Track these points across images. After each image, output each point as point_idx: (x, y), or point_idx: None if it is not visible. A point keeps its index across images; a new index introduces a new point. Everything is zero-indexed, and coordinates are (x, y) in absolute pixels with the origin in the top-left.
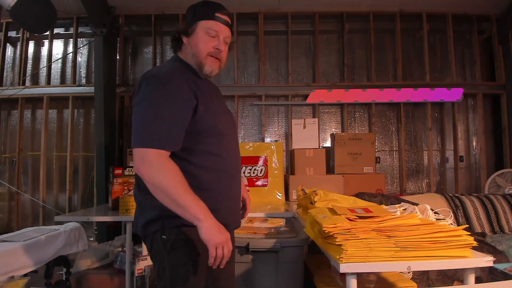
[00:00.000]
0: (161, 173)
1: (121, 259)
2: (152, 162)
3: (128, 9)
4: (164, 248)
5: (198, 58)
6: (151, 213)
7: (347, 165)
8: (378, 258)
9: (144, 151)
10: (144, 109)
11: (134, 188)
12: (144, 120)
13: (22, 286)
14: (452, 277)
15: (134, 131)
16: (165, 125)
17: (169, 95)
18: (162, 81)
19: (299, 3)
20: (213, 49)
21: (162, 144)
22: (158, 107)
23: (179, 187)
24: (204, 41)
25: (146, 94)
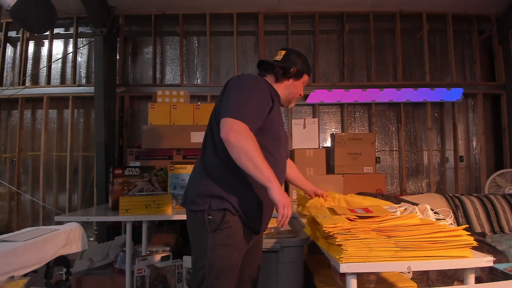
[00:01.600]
0: (247, 140)
1: (121, 259)
2: (240, 130)
3: (128, 9)
4: (210, 228)
5: (292, 97)
6: (203, 189)
7: (347, 165)
8: (378, 258)
9: (235, 121)
10: (240, 92)
11: (198, 160)
12: (238, 99)
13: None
14: (452, 277)
15: (229, 105)
16: (253, 109)
17: (259, 89)
18: (255, 79)
19: (299, 3)
20: (300, 95)
21: (249, 122)
22: (250, 94)
23: (259, 153)
24: (300, 88)
25: (243, 83)
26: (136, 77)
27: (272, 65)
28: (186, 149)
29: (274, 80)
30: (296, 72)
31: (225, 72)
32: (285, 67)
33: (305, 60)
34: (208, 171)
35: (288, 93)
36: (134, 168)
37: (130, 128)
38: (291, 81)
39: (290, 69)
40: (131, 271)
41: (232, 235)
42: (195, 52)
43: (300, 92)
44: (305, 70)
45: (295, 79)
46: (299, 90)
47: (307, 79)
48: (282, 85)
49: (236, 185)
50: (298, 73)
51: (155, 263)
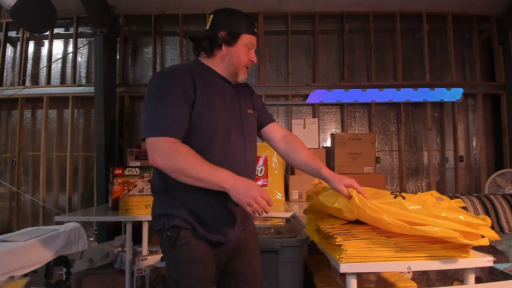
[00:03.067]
0: (174, 157)
1: (121, 259)
2: (164, 150)
3: (128, 9)
4: (169, 245)
5: (236, 68)
6: (156, 210)
7: (347, 165)
8: (378, 258)
9: (155, 141)
10: (149, 103)
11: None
12: (149, 112)
13: (22, 286)
14: (452, 277)
15: (144, 120)
16: (169, 114)
17: (170, 87)
18: (164, 76)
19: (299, 3)
20: (249, 61)
21: (168, 132)
22: (160, 98)
23: (194, 165)
24: (244, 53)
25: (150, 90)
26: (136, 77)
27: (198, 38)
28: None
29: (205, 55)
30: (226, 37)
31: None
32: (210, 36)
33: (240, 18)
34: (154, 190)
35: (228, 65)
36: (134, 168)
37: (130, 128)
38: (224, 49)
39: (218, 36)
40: (131, 271)
41: (192, 251)
42: None
43: (245, 58)
44: (241, 29)
45: (228, 45)
46: (242, 57)
47: (252, 38)
48: (216, 58)
49: (182, 198)
50: (232, 36)
51: (155, 263)
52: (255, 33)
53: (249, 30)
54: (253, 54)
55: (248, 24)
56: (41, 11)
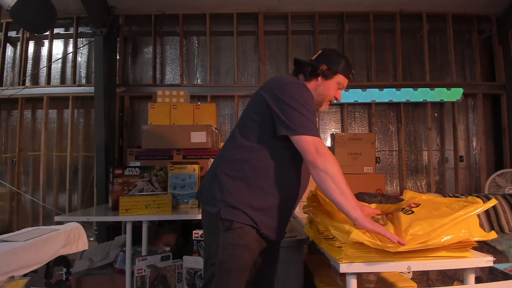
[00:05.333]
0: (333, 165)
1: (121, 259)
2: (326, 153)
3: (128, 9)
4: (222, 227)
5: (322, 99)
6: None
7: (347, 165)
8: (378, 258)
9: (316, 140)
10: (300, 104)
11: (218, 161)
12: (302, 113)
13: (22, 286)
14: (452, 277)
15: (294, 119)
16: (315, 122)
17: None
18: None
19: (299, 3)
20: (333, 98)
21: (319, 136)
22: (309, 106)
23: (344, 179)
24: (333, 90)
25: (298, 92)
26: (136, 77)
27: (302, 63)
28: (186, 149)
29: (303, 79)
30: (326, 71)
31: (225, 72)
32: (314, 65)
33: (342, 61)
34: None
35: (318, 94)
36: (134, 168)
37: (130, 128)
38: (320, 80)
39: (319, 67)
40: (131, 271)
41: (243, 236)
42: (195, 52)
43: (333, 94)
44: (339, 70)
45: (324, 78)
46: (331, 92)
47: (344, 81)
48: (311, 84)
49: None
50: (329, 72)
51: (155, 263)
52: (349, 78)
53: (346, 73)
54: (339, 93)
55: (347, 68)
56: (41, 11)
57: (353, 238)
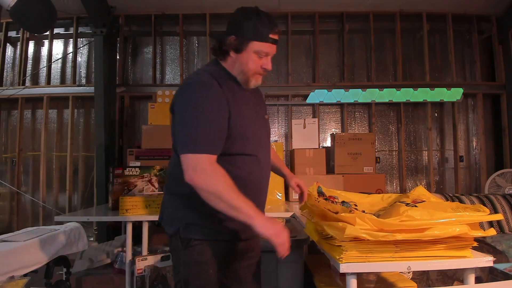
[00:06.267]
0: (215, 181)
1: (121, 259)
2: (205, 170)
3: (128, 9)
4: (181, 244)
5: (245, 75)
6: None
7: (347, 165)
8: (378, 258)
9: (196, 158)
10: (186, 116)
11: (167, 179)
12: (188, 127)
13: (22, 286)
14: (452, 277)
15: (181, 136)
16: (210, 130)
17: (211, 101)
18: (199, 88)
19: (299, 3)
20: (261, 68)
21: (209, 149)
22: (202, 111)
23: (231, 191)
24: (254, 61)
25: (185, 102)
26: (136, 77)
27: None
28: None
29: (220, 59)
30: (234, 42)
31: None
32: (221, 39)
33: (250, 23)
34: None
35: (237, 72)
36: (134, 168)
37: (130, 128)
38: (233, 55)
39: (227, 40)
40: (131, 271)
41: (204, 252)
42: (195, 52)
43: (257, 66)
44: (250, 36)
45: (237, 52)
46: (251, 65)
47: (264, 46)
48: (228, 62)
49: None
50: (239, 43)
51: (155, 263)
52: (271, 40)
53: (262, 36)
54: (267, 61)
55: (263, 30)
56: (41, 11)
57: (349, 234)
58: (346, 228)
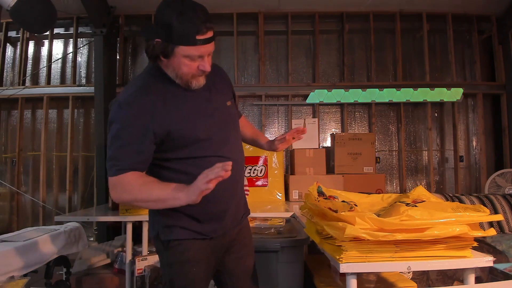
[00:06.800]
0: (125, 192)
1: (121, 259)
2: (116, 186)
3: (128, 9)
4: (162, 245)
5: (182, 79)
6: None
7: (347, 165)
8: (378, 258)
9: (110, 180)
10: (108, 138)
11: None
12: (110, 147)
13: (22, 286)
14: (452, 277)
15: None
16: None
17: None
18: (122, 108)
19: (299, 3)
20: (198, 70)
21: (122, 169)
22: (118, 135)
23: (144, 190)
24: (187, 65)
25: (109, 122)
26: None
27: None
28: None
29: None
30: (161, 47)
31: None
32: (147, 41)
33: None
34: None
35: (174, 76)
36: None
37: None
38: (163, 59)
39: (152, 45)
40: (131, 271)
41: (184, 252)
42: None
43: (191, 70)
44: (175, 39)
45: (166, 57)
46: (184, 69)
47: (192, 50)
48: (163, 64)
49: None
50: (165, 47)
51: (155, 263)
52: (199, 42)
53: (187, 40)
54: (203, 62)
55: (186, 36)
56: (41, 11)
57: (349, 234)
58: (346, 228)
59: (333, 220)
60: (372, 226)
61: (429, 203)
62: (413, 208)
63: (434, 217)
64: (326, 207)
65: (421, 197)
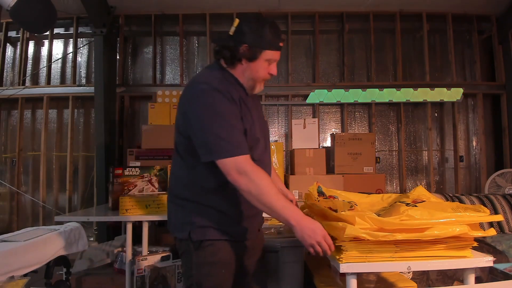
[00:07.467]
0: (256, 183)
1: (121, 259)
2: (247, 172)
3: (128, 9)
4: (193, 246)
5: (253, 82)
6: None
7: (347, 165)
8: (378, 258)
9: (236, 160)
10: (213, 121)
11: (173, 183)
12: (218, 131)
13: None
14: (452, 277)
15: (210, 142)
16: (239, 133)
17: (229, 107)
18: (220, 93)
19: (299, 3)
20: (268, 75)
21: (245, 150)
22: (222, 118)
23: (271, 193)
24: (264, 68)
25: (208, 105)
26: (136, 77)
27: (221, 45)
28: None
29: (226, 65)
30: (248, 51)
31: None
32: (232, 47)
33: (264, 32)
34: (178, 193)
35: (247, 79)
36: (134, 168)
37: (130, 128)
38: (245, 63)
39: (239, 49)
40: (131, 271)
41: (216, 252)
42: (195, 52)
43: (265, 73)
44: (264, 46)
45: (249, 61)
46: (261, 72)
47: (274, 54)
48: (237, 70)
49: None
50: (252, 52)
51: (155, 263)
52: (280, 48)
53: (274, 45)
54: (273, 67)
55: (273, 38)
56: (41, 11)
57: (349, 234)
58: (346, 228)
59: (333, 220)
60: (372, 226)
61: (429, 203)
62: (413, 208)
63: (434, 217)
64: (326, 206)
65: (421, 197)
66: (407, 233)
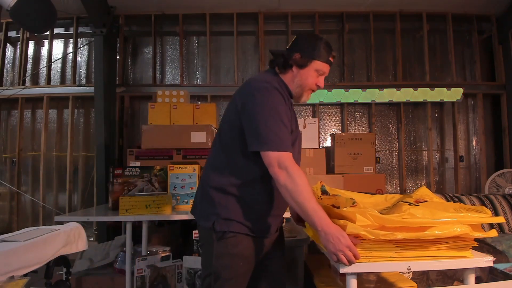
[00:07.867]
0: (295, 180)
1: (121, 259)
2: (288, 168)
3: (128, 9)
4: (216, 236)
5: (301, 90)
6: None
7: (347, 165)
8: (378, 258)
9: (280, 155)
10: (270, 116)
11: (206, 173)
12: (272, 126)
13: (22, 286)
14: (452, 277)
15: (263, 134)
16: (288, 132)
17: (282, 106)
18: (279, 94)
19: (299, 3)
20: (315, 86)
21: (289, 147)
22: (278, 115)
23: (305, 193)
24: (312, 78)
25: (267, 101)
26: (136, 77)
27: (276, 53)
28: (186, 149)
29: (279, 71)
30: (299, 59)
31: (225, 72)
32: (286, 55)
33: (317, 44)
34: (211, 184)
35: (295, 86)
36: (134, 168)
37: (130, 128)
38: (295, 70)
39: (292, 57)
40: (131, 271)
41: (237, 244)
42: (195, 52)
43: (313, 83)
44: (314, 56)
45: (299, 68)
46: (309, 81)
47: (323, 66)
48: (288, 76)
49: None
50: (304, 60)
51: (155, 263)
52: (329, 62)
53: (324, 57)
54: (321, 80)
55: (325, 52)
56: (41, 11)
57: (350, 232)
58: (347, 225)
59: (335, 217)
60: (373, 223)
61: (432, 203)
62: (415, 207)
63: (436, 216)
64: (329, 204)
65: (424, 197)
66: (408, 232)
